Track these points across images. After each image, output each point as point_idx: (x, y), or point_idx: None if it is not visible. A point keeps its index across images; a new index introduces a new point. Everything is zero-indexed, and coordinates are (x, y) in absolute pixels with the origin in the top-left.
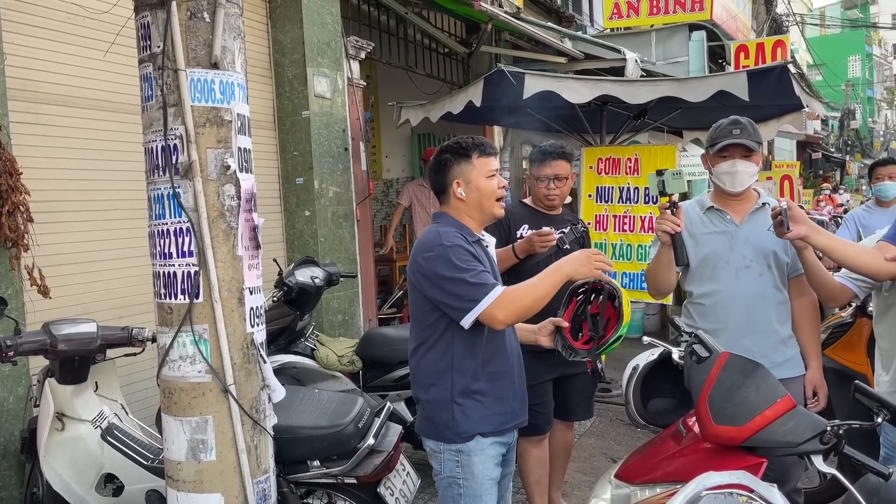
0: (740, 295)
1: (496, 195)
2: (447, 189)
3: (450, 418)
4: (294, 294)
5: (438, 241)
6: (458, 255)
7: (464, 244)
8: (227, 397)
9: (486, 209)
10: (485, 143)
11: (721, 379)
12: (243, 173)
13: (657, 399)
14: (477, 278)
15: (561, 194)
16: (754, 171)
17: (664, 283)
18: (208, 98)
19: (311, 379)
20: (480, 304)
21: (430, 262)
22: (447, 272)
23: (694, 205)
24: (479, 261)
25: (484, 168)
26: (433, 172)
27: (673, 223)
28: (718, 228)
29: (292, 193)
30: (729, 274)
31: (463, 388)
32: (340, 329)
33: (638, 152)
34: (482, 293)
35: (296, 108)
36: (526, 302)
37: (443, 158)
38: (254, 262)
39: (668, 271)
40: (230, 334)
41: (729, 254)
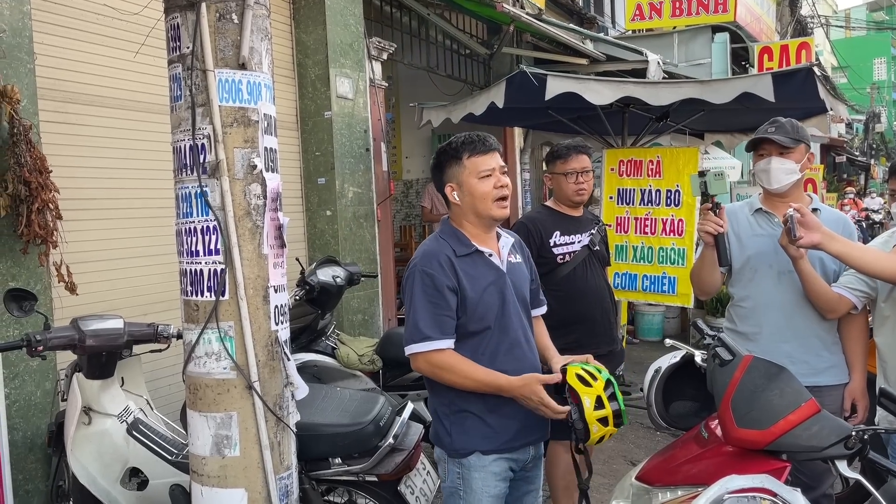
0: (780, 299)
1: (492, 196)
2: (444, 192)
3: (446, 433)
4: (316, 293)
5: (419, 261)
6: (425, 287)
7: (438, 275)
8: (251, 394)
9: (482, 213)
10: (478, 139)
11: (744, 382)
12: (269, 173)
13: (679, 402)
14: (425, 321)
15: (588, 188)
16: (791, 168)
17: (708, 284)
18: (236, 98)
19: (331, 377)
20: (410, 346)
21: (408, 279)
22: (410, 298)
23: (743, 206)
24: (447, 298)
25: (476, 168)
26: (433, 177)
27: (716, 224)
28: (765, 231)
29: (314, 193)
30: (770, 278)
31: (460, 403)
32: (360, 328)
33: (660, 154)
34: (418, 337)
35: (318, 109)
36: (448, 377)
37: (437, 161)
38: (279, 260)
39: (711, 272)
40: (255, 332)
41: (773, 257)
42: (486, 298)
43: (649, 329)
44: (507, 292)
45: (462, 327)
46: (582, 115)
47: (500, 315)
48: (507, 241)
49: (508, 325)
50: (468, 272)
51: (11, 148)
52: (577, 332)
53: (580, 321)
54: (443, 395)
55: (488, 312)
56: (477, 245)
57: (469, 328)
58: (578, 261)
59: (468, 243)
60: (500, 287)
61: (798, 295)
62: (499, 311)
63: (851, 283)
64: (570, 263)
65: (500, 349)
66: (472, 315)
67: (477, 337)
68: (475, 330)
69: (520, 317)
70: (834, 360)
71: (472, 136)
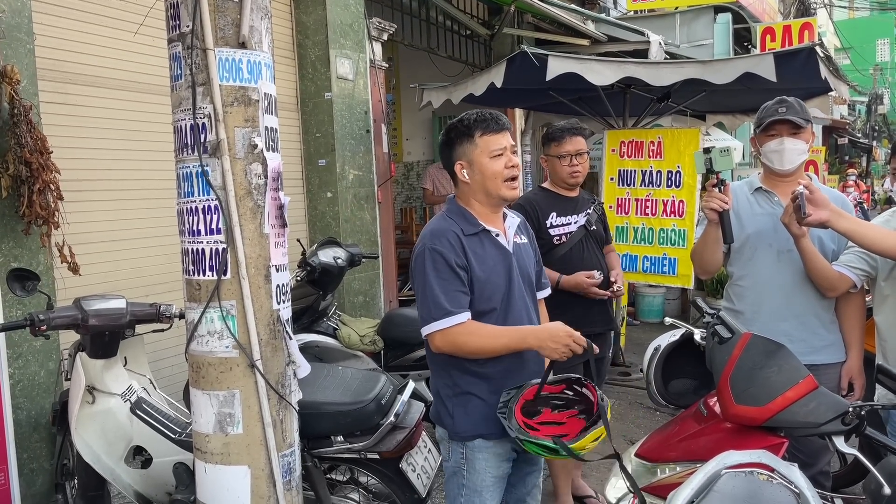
0: (779, 278)
1: (503, 176)
2: (453, 170)
3: (448, 414)
4: (317, 274)
5: (428, 240)
6: (436, 265)
7: (447, 253)
8: (253, 372)
9: (493, 192)
10: (490, 118)
11: (743, 359)
12: (270, 152)
13: (678, 380)
14: (441, 297)
15: (583, 170)
16: (803, 148)
17: (710, 262)
18: (236, 77)
19: (333, 358)
20: (430, 325)
21: (417, 258)
22: (422, 278)
23: (742, 185)
24: (458, 275)
25: (488, 147)
26: (441, 153)
27: (721, 200)
28: (765, 210)
29: (314, 175)
30: (770, 257)
31: (464, 385)
32: (362, 309)
33: (661, 135)
34: (439, 314)
35: (318, 90)
36: (471, 347)
37: (447, 138)
38: (280, 239)
39: (714, 249)
40: (257, 310)
41: (773, 236)
42: (493, 279)
43: (650, 310)
44: (513, 273)
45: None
46: (583, 95)
47: (506, 296)
48: (514, 221)
49: (513, 307)
50: (476, 251)
51: (12, 129)
52: (572, 312)
53: (576, 301)
54: (446, 376)
55: (495, 293)
56: (484, 224)
57: (476, 309)
58: (575, 241)
59: (475, 222)
60: (507, 267)
61: (797, 274)
62: (505, 292)
63: (852, 261)
64: (566, 244)
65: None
66: (479, 295)
67: (482, 318)
68: (480, 310)
69: (525, 299)
70: (831, 338)
71: (484, 113)
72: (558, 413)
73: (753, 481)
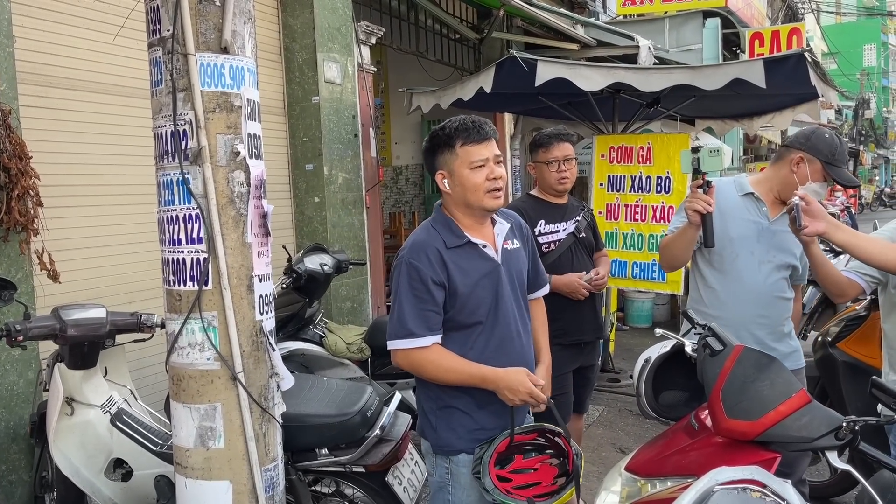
0: (758, 287)
1: (483, 188)
2: (434, 178)
3: (431, 428)
4: (303, 281)
5: (407, 253)
6: (411, 281)
7: (424, 269)
8: (235, 385)
9: (474, 204)
10: (472, 127)
11: (735, 372)
12: (253, 159)
13: (669, 391)
14: (408, 316)
15: (571, 176)
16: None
17: (679, 260)
18: (218, 83)
19: (319, 366)
20: (392, 342)
21: (395, 269)
22: (395, 290)
23: (730, 185)
24: (433, 294)
25: (469, 158)
26: (425, 160)
27: (705, 203)
28: (752, 217)
29: (302, 179)
30: (751, 265)
31: (447, 398)
32: (349, 316)
33: (650, 141)
34: (402, 333)
35: (306, 94)
36: (429, 374)
37: (429, 145)
38: (263, 249)
39: (687, 249)
40: (239, 322)
41: (755, 245)
42: (479, 292)
43: (639, 315)
44: (501, 286)
45: (450, 321)
46: (572, 100)
47: (492, 309)
48: (503, 227)
49: (500, 320)
50: (459, 265)
51: None
52: (562, 320)
53: (566, 309)
54: (430, 389)
55: (480, 307)
56: (469, 236)
57: (458, 322)
58: (564, 248)
59: (460, 234)
60: (494, 280)
61: (773, 284)
62: (492, 306)
63: (862, 267)
64: (555, 252)
65: (489, 344)
66: (461, 309)
67: (466, 331)
68: (465, 324)
69: (515, 310)
70: (794, 345)
71: (466, 122)
72: (530, 459)
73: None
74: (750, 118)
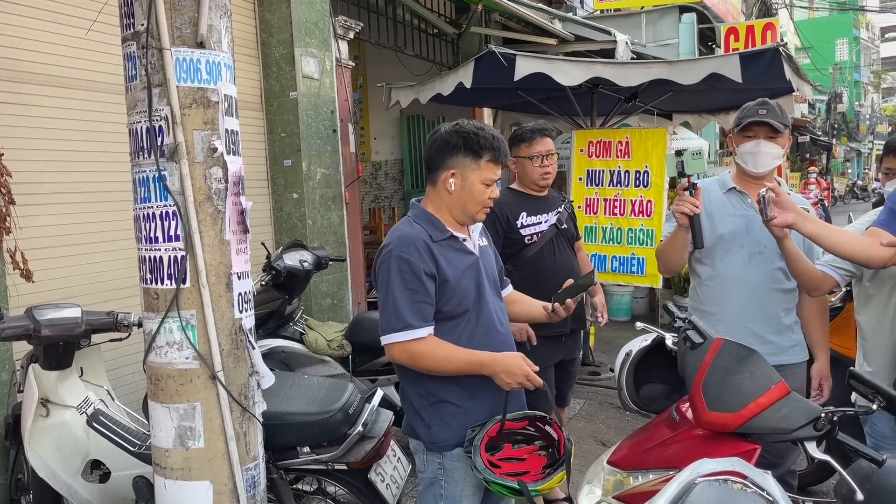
0: (750, 279)
1: (484, 204)
2: (438, 173)
3: (424, 425)
4: (282, 278)
5: (395, 246)
6: (402, 274)
7: (416, 261)
8: (215, 384)
9: (469, 212)
10: (501, 148)
11: (715, 365)
12: (230, 155)
13: (650, 385)
14: (404, 309)
15: (553, 171)
16: (778, 153)
17: (675, 263)
18: (194, 78)
19: (299, 363)
20: (390, 336)
21: (382, 265)
22: (386, 285)
23: (714, 184)
24: (426, 286)
25: (487, 175)
26: (434, 147)
27: (692, 205)
28: (738, 211)
29: (280, 176)
30: (741, 258)
31: (439, 392)
32: (329, 313)
33: (629, 135)
34: (399, 325)
35: (283, 89)
36: (426, 364)
37: (451, 141)
38: (241, 246)
39: (681, 252)
40: (218, 320)
41: (745, 237)
42: (464, 283)
43: (618, 309)
44: (481, 277)
45: (439, 312)
46: (551, 95)
47: (476, 299)
48: (476, 225)
49: (484, 309)
50: (446, 257)
51: None
52: None
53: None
54: (419, 384)
55: (466, 297)
56: (452, 230)
57: (447, 312)
58: (546, 240)
59: (443, 228)
60: (475, 272)
61: (767, 275)
62: (476, 296)
63: (836, 261)
64: (537, 243)
65: (476, 332)
66: (450, 300)
67: (455, 320)
68: (453, 314)
69: (493, 301)
70: (796, 338)
71: (499, 141)
72: (519, 449)
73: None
74: (726, 112)
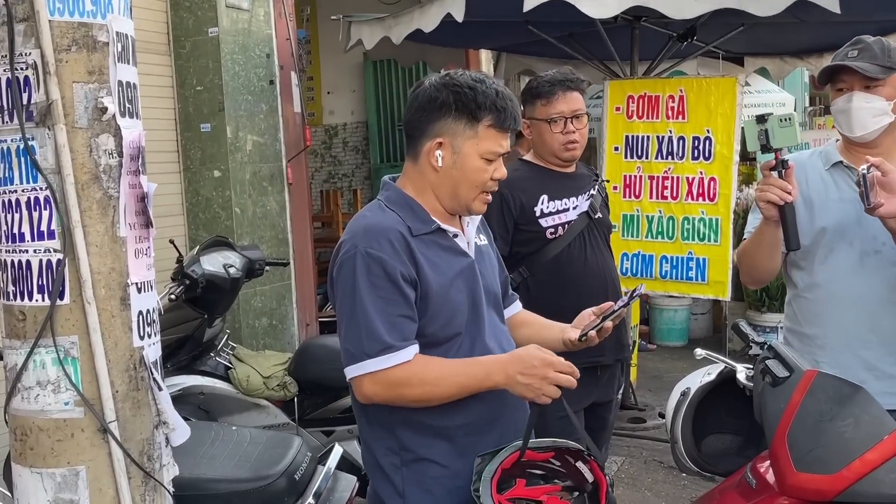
0: (862, 290)
1: (483, 187)
2: (420, 143)
3: (398, 495)
4: (200, 289)
5: (361, 239)
6: (372, 278)
7: (389, 260)
8: (106, 440)
9: (462, 198)
10: (509, 108)
11: (806, 408)
12: (126, 118)
13: (714, 436)
14: (379, 325)
15: (581, 138)
16: (881, 107)
17: (765, 270)
18: (74, 9)
19: (225, 410)
20: (361, 365)
21: (343, 266)
22: (350, 295)
23: (816, 158)
24: (404, 294)
25: (488, 144)
26: (415, 107)
27: (782, 190)
28: (845, 194)
29: (195, 146)
30: (851, 260)
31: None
32: (266, 338)
33: (683, 87)
34: (374, 349)
35: (199, 24)
36: (414, 395)
37: (438, 98)
38: (143, 245)
39: (772, 254)
40: (110, 350)
41: (855, 230)
42: (454, 296)
43: (670, 331)
44: (477, 287)
45: (419, 336)
46: (574, 32)
47: (471, 317)
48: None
49: (481, 332)
50: (430, 258)
51: None
52: None
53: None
54: (387, 437)
55: (456, 314)
56: (439, 222)
57: (430, 335)
58: (575, 234)
59: (427, 218)
60: (470, 280)
61: (886, 284)
62: (470, 313)
63: None
64: (563, 238)
65: None
66: (435, 317)
67: (440, 348)
68: (438, 339)
69: (493, 319)
70: None
71: (504, 98)
72: (533, 488)
73: None
74: (819, 54)
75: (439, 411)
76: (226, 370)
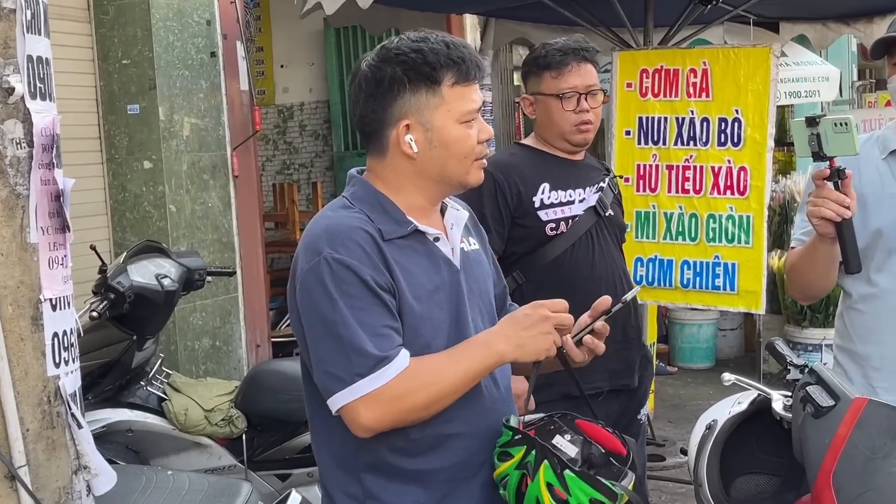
0: None
1: (475, 153)
2: (382, 135)
3: None
4: (127, 305)
5: (324, 243)
6: (343, 286)
7: (360, 266)
8: (15, 488)
9: (454, 177)
10: (467, 56)
11: (854, 443)
12: (38, 101)
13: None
14: (364, 338)
15: (595, 118)
16: None
17: (820, 288)
18: None
19: (158, 450)
20: (353, 388)
21: (307, 277)
22: (318, 309)
23: (870, 145)
24: (382, 300)
25: (459, 105)
26: (362, 97)
27: (839, 204)
28: None
29: (121, 132)
30: None
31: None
32: (209, 363)
33: (707, 59)
34: (365, 367)
35: None
36: (422, 398)
37: (385, 75)
38: (58, 253)
39: (827, 272)
40: (19, 380)
41: None
42: (434, 312)
43: (693, 350)
44: (462, 303)
45: None
46: None
47: (453, 339)
48: (458, 215)
49: None
50: (405, 267)
51: None
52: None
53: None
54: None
55: (436, 335)
56: (416, 222)
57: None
58: (580, 232)
59: (401, 218)
60: (453, 294)
61: None
62: (451, 333)
63: None
64: (566, 237)
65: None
66: (411, 340)
67: None
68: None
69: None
70: None
71: (458, 48)
72: None
73: None
74: (868, 19)
75: (413, 452)
76: (159, 402)
